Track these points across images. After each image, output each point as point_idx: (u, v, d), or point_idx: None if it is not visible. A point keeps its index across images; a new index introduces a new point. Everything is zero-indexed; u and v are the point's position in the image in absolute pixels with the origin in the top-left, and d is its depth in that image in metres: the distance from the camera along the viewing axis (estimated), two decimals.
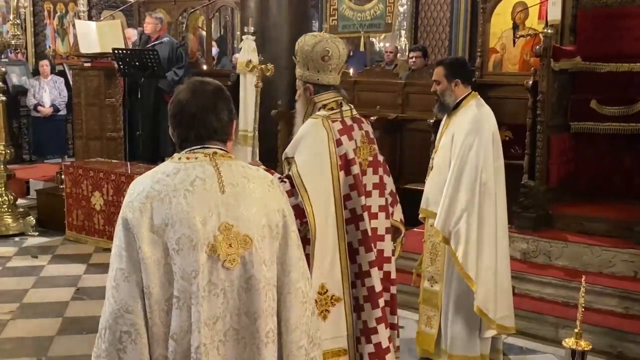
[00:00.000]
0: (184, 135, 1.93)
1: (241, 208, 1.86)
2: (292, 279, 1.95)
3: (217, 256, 1.81)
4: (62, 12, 10.29)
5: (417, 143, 6.42)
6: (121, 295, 1.81)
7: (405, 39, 10.91)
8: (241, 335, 1.87)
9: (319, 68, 2.94)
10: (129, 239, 1.81)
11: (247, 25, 7.04)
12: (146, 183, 1.87)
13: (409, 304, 4.89)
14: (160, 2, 9.45)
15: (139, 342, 1.81)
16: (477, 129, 3.59)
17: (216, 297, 1.82)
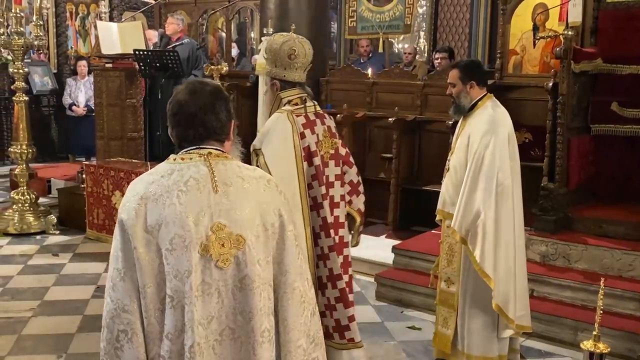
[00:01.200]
0: (183, 135, 1.95)
1: (234, 208, 1.88)
2: (289, 278, 1.96)
3: (210, 256, 1.83)
4: (84, 13, 10.42)
5: (436, 144, 6.41)
6: (118, 295, 1.85)
7: (424, 40, 10.90)
8: (237, 335, 1.89)
9: (286, 66, 3.12)
10: (125, 239, 1.85)
11: (266, 27, 7.08)
12: (142, 184, 1.90)
13: (425, 306, 4.89)
14: (180, 4, 9.53)
15: (135, 340, 1.84)
16: (493, 129, 3.61)
17: (210, 297, 1.84)
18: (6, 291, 5.12)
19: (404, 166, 6.43)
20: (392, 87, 6.92)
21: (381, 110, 6.84)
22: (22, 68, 6.78)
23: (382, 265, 5.50)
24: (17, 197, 6.79)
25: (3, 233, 6.61)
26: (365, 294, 5.22)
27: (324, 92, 7.34)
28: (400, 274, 5.18)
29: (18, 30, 6.64)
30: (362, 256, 5.73)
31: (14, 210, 6.75)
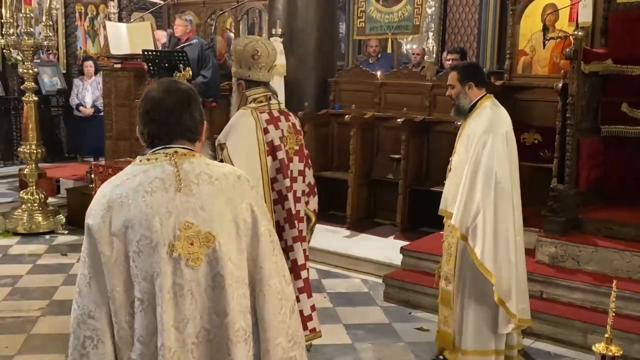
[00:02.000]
0: (156, 132, 1.91)
1: (202, 205, 1.84)
2: (265, 275, 1.91)
3: (179, 255, 1.79)
4: (93, 13, 10.45)
5: (445, 145, 6.37)
6: (84, 301, 1.84)
7: (432, 41, 10.87)
8: (212, 335, 1.84)
9: (250, 66, 3.23)
10: (92, 244, 1.83)
11: (274, 27, 7.08)
12: (109, 187, 1.88)
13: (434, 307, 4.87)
14: (189, 4, 9.55)
15: (101, 347, 1.82)
16: (492, 128, 3.68)
17: (183, 299, 1.80)
18: (15, 290, 5.14)
19: (413, 167, 6.42)
20: (400, 87, 6.91)
21: (390, 111, 6.83)
22: (32, 68, 6.81)
23: (390, 266, 5.49)
24: (26, 197, 6.82)
25: (12, 233, 6.64)
26: (373, 295, 5.21)
27: (332, 93, 7.33)
28: (409, 275, 5.17)
29: (28, 31, 6.67)
30: (370, 257, 5.73)
31: (23, 210, 6.78)
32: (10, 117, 9.48)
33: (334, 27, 7.96)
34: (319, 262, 5.94)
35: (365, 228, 6.56)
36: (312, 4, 7.18)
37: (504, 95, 5.88)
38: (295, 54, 7.17)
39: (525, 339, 4.43)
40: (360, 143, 6.55)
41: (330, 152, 7.22)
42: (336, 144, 7.17)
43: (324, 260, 5.94)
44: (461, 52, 7.80)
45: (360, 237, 6.35)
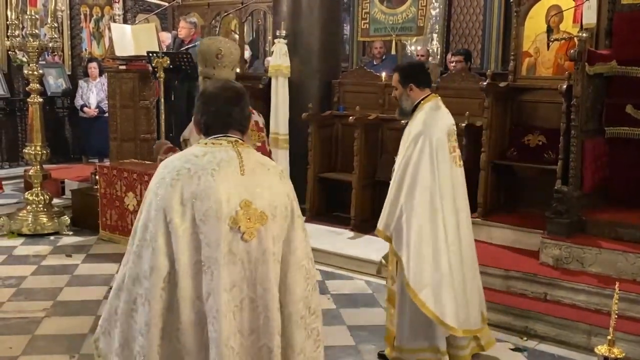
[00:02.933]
0: (212, 122, 2.19)
1: (258, 189, 2.11)
2: (298, 256, 2.18)
3: (238, 228, 2.06)
4: (98, 15, 10.49)
5: None
6: (142, 262, 2.06)
7: (437, 42, 10.86)
8: (256, 304, 2.09)
9: (214, 64, 3.41)
10: (158, 212, 2.05)
11: (279, 29, 7.09)
12: (177, 162, 2.12)
13: None
14: (193, 6, 9.57)
15: (147, 306, 2.03)
16: (424, 132, 3.70)
17: (234, 266, 2.06)
18: (20, 291, 5.16)
19: None
20: None
21: (394, 112, 6.74)
22: (37, 70, 6.83)
23: None
24: (31, 198, 6.85)
25: (17, 234, 6.66)
26: (377, 297, 5.21)
27: (337, 94, 7.33)
28: None
29: (33, 33, 6.69)
30: (374, 258, 5.71)
31: (28, 211, 6.80)
32: (16, 118, 9.52)
33: (339, 29, 7.95)
34: (323, 263, 5.94)
35: (370, 229, 6.53)
36: (316, 5, 7.18)
37: (508, 97, 5.89)
38: (299, 55, 7.17)
39: (529, 340, 4.44)
40: (364, 144, 6.54)
41: (335, 153, 7.22)
42: (340, 145, 7.17)
43: (327, 262, 5.94)
44: (465, 54, 7.79)
45: (364, 239, 6.35)
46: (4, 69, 9.39)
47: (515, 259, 5.16)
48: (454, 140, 3.83)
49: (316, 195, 6.96)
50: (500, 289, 4.89)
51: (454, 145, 3.81)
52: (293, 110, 7.04)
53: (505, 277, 4.91)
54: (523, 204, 5.90)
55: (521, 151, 5.78)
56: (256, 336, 2.10)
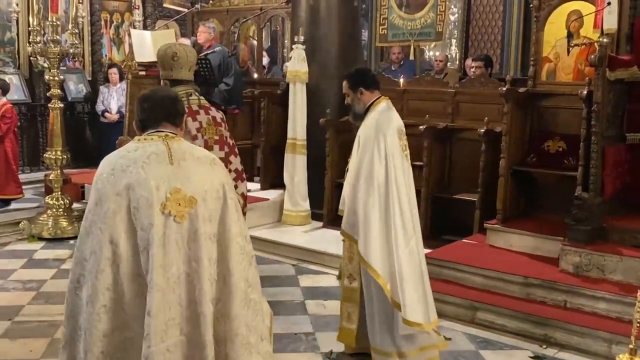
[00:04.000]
0: (147, 117, 2.49)
1: (188, 176, 2.38)
2: (232, 233, 2.44)
3: (169, 212, 2.32)
4: (118, 21, 10.60)
5: (467, 153, 6.35)
6: (82, 247, 2.39)
7: (455, 48, 10.83)
8: (191, 278, 2.35)
9: (172, 66, 3.69)
10: (98, 203, 2.36)
11: (297, 35, 7.10)
12: (113, 158, 2.44)
13: (456, 315, 4.84)
14: (212, 12, 9.63)
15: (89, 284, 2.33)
16: (376, 133, 3.86)
17: (170, 246, 2.31)
18: (40, 295, 5.21)
19: (435, 174, 6.38)
20: (423, 94, 6.88)
21: (412, 118, 6.78)
22: (58, 75, 6.92)
23: None
24: (51, 202, 6.92)
25: (37, 237, 6.74)
26: None
27: None
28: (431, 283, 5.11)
29: (54, 39, 6.78)
30: None
31: (48, 215, 6.88)
32: (37, 123, 9.63)
33: (357, 34, 7.95)
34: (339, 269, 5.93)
35: None
36: (334, 11, 7.19)
37: (527, 103, 5.85)
38: (317, 61, 7.18)
39: (549, 349, 4.39)
40: None
41: None
42: None
43: None
44: (485, 60, 7.74)
45: None
46: (26, 74, 9.52)
47: (534, 266, 5.11)
48: (404, 140, 4.01)
49: (333, 201, 6.94)
50: (519, 296, 4.85)
51: (405, 144, 4.00)
52: (311, 116, 7.04)
53: (525, 284, 4.87)
54: (543, 210, 5.84)
55: (541, 157, 5.73)
56: (194, 306, 2.35)
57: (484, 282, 5.03)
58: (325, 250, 6.16)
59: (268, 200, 7.31)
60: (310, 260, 6.20)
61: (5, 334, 4.45)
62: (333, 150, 6.90)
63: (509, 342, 4.53)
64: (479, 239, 5.74)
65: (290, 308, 5.05)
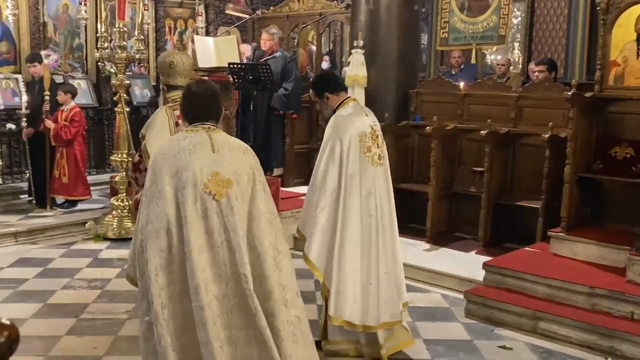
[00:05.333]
0: (195, 114, 2.98)
1: (225, 162, 2.86)
2: (261, 210, 2.90)
3: (210, 192, 2.79)
4: (181, 28, 10.83)
5: (531, 158, 6.20)
6: (142, 218, 2.86)
7: (518, 52, 10.60)
8: (231, 244, 2.79)
9: (169, 73, 4.17)
10: (154, 181, 2.82)
11: (356, 39, 7.11)
12: (166, 147, 2.92)
13: (518, 325, 4.73)
14: (273, 18, 9.74)
15: (150, 247, 2.78)
16: (332, 135, 4.02)
17: (211, 219, 2.78)
18: (104, 293, 5.36)
19: (496, 180, 6.26)
20: (484, 99, 6.77)
21: (473, 122, 6.70)
22: (124, 80, 7.12)
23: (472, 281, 5.37)
24: (116, 203, 7.12)
25: (103, 237, 6.94)
26: (454, 311, 5.11)
27: (414, 104, 7.27)
28: (492, 292, 5.04)
29: (121, 45, 6.98)
30: (451, 272, 5.63)
31: (113, 216, 7.08)
32: (103, 127, 9.92)
33: (417, 39, 7.90)
34: None
35: (446, 242, 6.45)
36: (394, 15, 7.16)
37: (593, 107, 5.67)
38: (376, 65, 7.17)
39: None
40: (441, 155, 6.45)
41: (410, 163, 7.16)
42: (416, 155, 7.10)
43: None
44: (548, 63, 7.55)
45: (441, 251, 6.25)
46: (93, 79, 9.83)
47: (600, 275, 4.95)
48: (368, 141, 4.03)
49: None
50: (584, 307, 4.70)
51: (368, 146, 4.03)
52: None
53: (590, 294, 4.71)
54: (609, 219, 5.64)
55: (607, 164, 5.55)
56: (235, 267, 2.79)
57: (547, 291, 4.90)
58: None
59: None
60: None
61: (71, 331, 4.59)
62: (391, 155, 6.80)
63: (572, 353, 4.40)
64: (542, 247, 5.59)
65: None
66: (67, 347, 4.32)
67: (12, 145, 8.59)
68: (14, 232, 6.82)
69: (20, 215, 7.45)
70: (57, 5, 9.20)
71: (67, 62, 9.34)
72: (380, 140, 4.15)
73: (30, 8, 8.70)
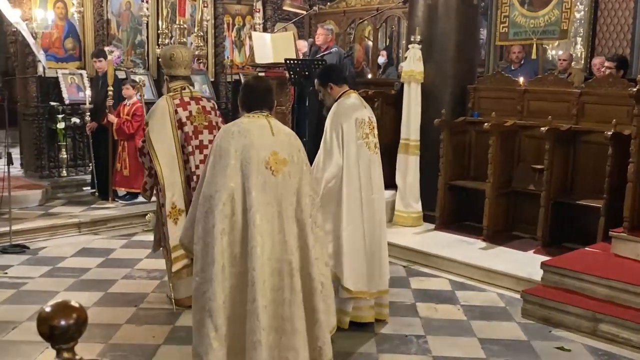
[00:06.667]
0: (252, 104, 3.40)
1: (282, 144, 3.31)
2: (306, 189, 3.35)
3: (270, 167, 3.23)
4: (239, 24, 10.97)
5: (593, 156, 6.03)
6: (208, 188, 3.23)
7: (581, 47, 10.31)
8: (282, 214, 3.23)
9: (170, 65, 4.63)
10: (221, 157, 3.23)
11: (413, 34, 7.04)
12: (232, 127, 3.35)
13: (576, 326, 4.62)
14: (329, 14, 9.75)
15: (214, 214, 3.16)
16: (333, 121, 4.36)
17: (269, 190, 3.21)
18: (163, 284, 5.47)
19: (557, 178, 6.10)
20: (545, 95, 6.60)
21: (533, 119, 6.55)
22: None
23: (529, 281, 5.26)
24: None
25: None
26: (510, 311, 5.02)
27: (471, 100, 7.16)
28: (550, 292, 4.92)
29: (181, 41, 7.12)
30: (508, 271, 5.53)
31: None
32: None
33: (475, 33, 7.75)
34: (453, 273, 5.83)
35: (503, 241, 6.34)
36: (452, 10, 7.05)
37: None
38: (433, 60, 7.08)
39: None
40: (499, 152, 6.34)
41: (467, 160, 7.05)
42: (474, 152, 6.99)
43: (458, 272, 5.82)
44: (619, 61, 7.26)
45: (497, 250, 6.15)
46: (154, 75, 10.04)
47: None
48: (366, 128, 4.42)
49: (447, 204, 6.84)
50: None
51: (366, 133, 4.42)
52: (425, 116, 6.95)
53: None
54: None
55: None
56: (283, 233, 3.22)
57: (608, 292, 4.75)
58: (438, 253, 6.07)
59: None
60: (421, 262, 6.13)
61: (130, 320, 4.73)
62: (447, 151, 6.79)
63: (633, 356, 4.27)
64: (602, 247, 5.43)
65: (400, 309, 5.01)
66: (126, 336, 4.45)
67: (76, 138, 8.87)
68: (77, 223, 7.06)
69: (83, 206, 7.71)
70: (120, 2, 9.44)
71: (130, 59, 9.58)
72: (376, 132, 4.53)
73: (95, 5, 8.95)
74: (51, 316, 1.48)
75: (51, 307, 1.50)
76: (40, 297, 5.04)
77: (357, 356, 4.20)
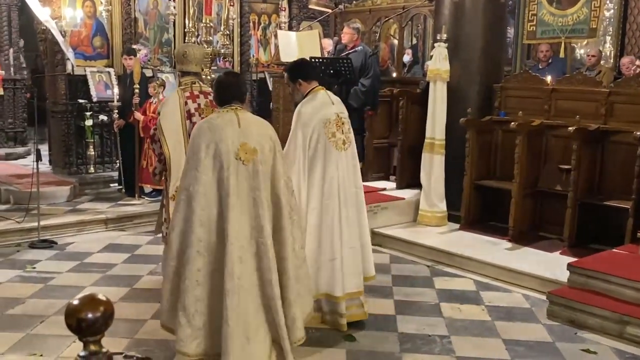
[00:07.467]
0: (225, 97, 3.64)
1: (250, 134, 3.53)
2: (279, 173, 3.62)
3: (239, 158, 3.46)
4: (265, 23, 11.01)
5: (621, 157, 5.94)
6: (185, 180, 3.52)
7: (610, 45, 10.15)
8: (256, 200, 3.48)
9: (183, 62, 4.92)
10: (193, 152, 3.48)
11: (440, 33, 6.99)
12: (203, 123, 3.61)
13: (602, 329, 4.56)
14: (355, 12, 9.73)
15: (191, 204, 3.45)
16: (297, 121, 4.39)
17: (240, 177, 3.45)
18: None
19: (584, 179, 6.02)
20: (573, 94, 6.51)
21: (560, 118, 6.47)
22: (210, 74, 7.29)
23: (555, 282, 5.20)
24: None
25: None
26: (535, 312, 4.97)
27: (498, 99, 7.09)
28: (576, 294, 4.86)
29: (207, 40, 7.15)
30: (533, 272, 5.48)
31: None
32: None
33: (502, 32, 7.67)
34: (477, 273, 5.79)
35: (529, 241, 6.27)
36: (479, 8, 6.99)
37: None
38: (459, 59, 7.02)
39: None
40: (526, 151, 6.27)
41: (494, 160, 6.99)
42: (500, 152, 6.92)
43: (482, 272, 5.78)
44: None
45: (523, 251, 6.09)
46: None
47: None
48: (332, 127, 4.36)
49: (472, 203, 6.78)
50: None
51: (332, 132, 4.36)
52: (451, 115, 6.91)
53: None
54: None
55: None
56: (259, 219, 3.47)
57: (636, 295, 4.68)
58: (462, 253, 6.03)
59: (403, 200, 7.28)
60: (446, 262, 6.09)
61: (155, 315, 4.74)
62: (473, 150, 6.74)
63: None
64: (631, 249, 5.35)
65: (424, 309, 4.99)
66: (151, 331, 4.49)
67: (104, 136, 9.00)
68: (104, 219, 7.15)
69: (110, 203, 7.80)
70: (147, 1, 9.54)
71: (157, 57, 9.68)
72: (347, 127, 4.48)
73: (123, 4, 9.06)
74: (79, 309, 1.51)
75: (79, 300, 1.53)
76: (67, 291, 5.12)
77: (380, 355, 4.19)
